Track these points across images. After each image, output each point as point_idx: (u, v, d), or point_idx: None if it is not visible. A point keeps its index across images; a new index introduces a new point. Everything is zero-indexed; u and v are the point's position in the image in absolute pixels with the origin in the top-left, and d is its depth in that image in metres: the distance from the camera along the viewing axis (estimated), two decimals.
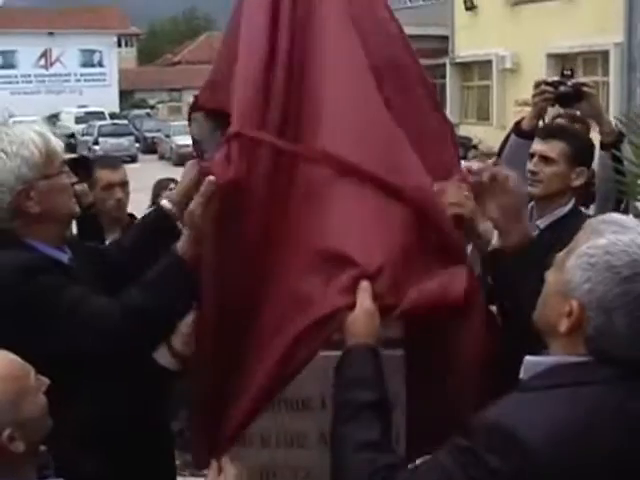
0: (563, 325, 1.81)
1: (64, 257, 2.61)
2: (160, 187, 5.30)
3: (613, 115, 16.79)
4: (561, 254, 1.90)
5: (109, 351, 2.41)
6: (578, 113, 4.58)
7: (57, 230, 2.61)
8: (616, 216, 1.92)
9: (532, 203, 3.66)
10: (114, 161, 4.69)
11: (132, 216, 4.56)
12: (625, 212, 3.76)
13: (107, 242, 4.02)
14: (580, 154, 3.60)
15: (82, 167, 3.64)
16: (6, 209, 2.48)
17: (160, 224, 2.86)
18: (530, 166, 3.60)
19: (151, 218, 2.98)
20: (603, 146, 4.09)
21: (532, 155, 3.63)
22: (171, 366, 2.56)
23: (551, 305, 1.88)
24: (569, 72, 4.06)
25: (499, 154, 4.42)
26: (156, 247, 2.81)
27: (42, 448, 2.17)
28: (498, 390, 1.94)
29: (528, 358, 1.92)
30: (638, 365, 1.78)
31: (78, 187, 3.24)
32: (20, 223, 2.51)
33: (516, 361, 1.96)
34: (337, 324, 2.30)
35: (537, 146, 3.63)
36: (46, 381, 2.13)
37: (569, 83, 3.99)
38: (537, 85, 4.14)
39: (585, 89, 4.01)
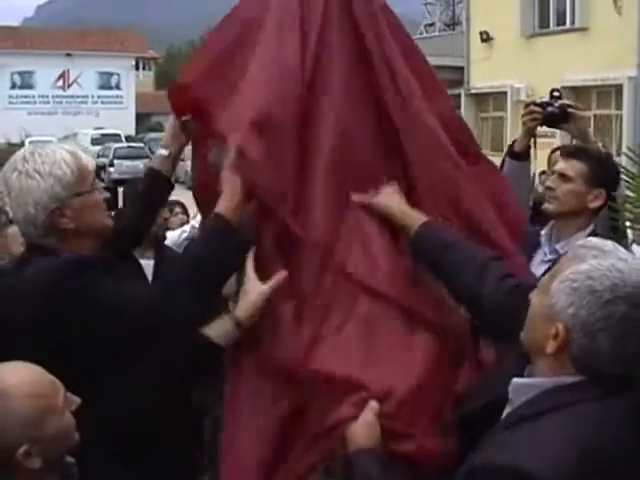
0: (550, 347, 1.88)
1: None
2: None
3: (625, 148, 16.83)
4: (546, 278, 1.99)
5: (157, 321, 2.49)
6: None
7: (92, 243, 2.65)
8: (595, 241, 1.98)
9: (551, 223, 3.73)
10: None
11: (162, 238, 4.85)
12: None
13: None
14: (599, 175, 3.62)
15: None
16: (41, 226, 2.54)
17: (156, 186, 3.11)
18: (548, 182, 3.71)
19: (146, 183, 3.13)
20: None
21: (553, 172, 3.72)
22: (224, 340, 2.54)
23: (537, 327, 1.95)
24: (557, 94, 4.11)
25: None
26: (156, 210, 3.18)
27: (68, 459, 2.19)
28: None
29: (516, 380, 1.99)
30: (622, 382, 1.87)
31: None
32: (56, 239, 2.57)
33: None
34: (339, 435, 2.31)
35: (558, 164, 3.73)
36: (76, 400, 2.15)
37: (556, 104, 4.02)
38: (526, 106, 4.23)
39: (571, 110, 4.05)
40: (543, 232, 3.72)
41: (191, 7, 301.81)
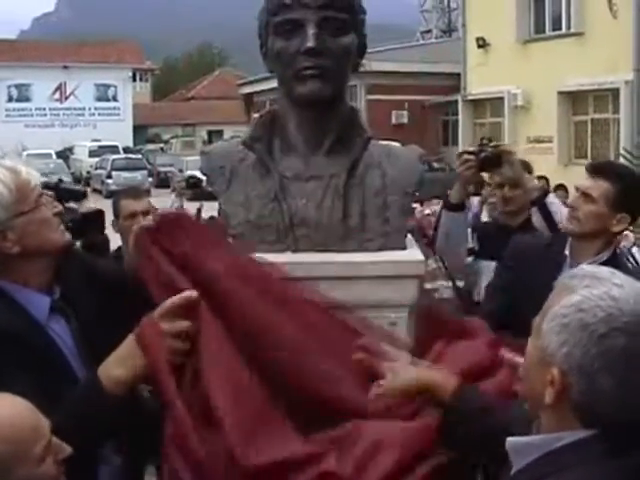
0: (548, 396, 1.65)
1: (43, 302, 2.46)
2: None
3: (621, 152, 16.83)
4: (537, 318, 1.74)
5: None
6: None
7: (44, 265, 2.47)
8: (588, 268, 1.75)
9: (569, 243, 3.51)
10: (137, 191, 4.81)
11: None
12: None
13: None
14: (625, 198, 3.34)
15: (95, 222, 3.64)
16: None
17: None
18: (570, 200, 3.51)
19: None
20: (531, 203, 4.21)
21: (577, 189, 3.46)
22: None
23: (533, 376, 1.72)
24: (487, 140, 4.08)
25: (435, 229, 4.34)
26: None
27: None
28: None
29: (512, 440, 1.78)
30: (631, 433, 1.64)
31: None
32: (13, 252, 2.39)
33: None
34: None
35: (583, 181, 3.43)
36: (66, 449, 1.94)
37: (489, 149, 3.95)
38: (459, 156, 4.00)
39: (505, 154, 4.00)
40: (566, 252, 3.47)
41: (188, 19, 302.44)
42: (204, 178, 3.01)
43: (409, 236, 2.89)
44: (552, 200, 4.96)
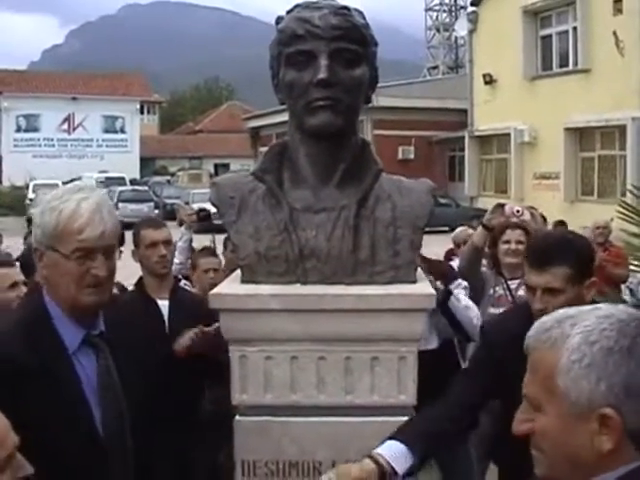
0: (604, 442, 1.52)
1: (77, 334, 2.42)
2: None
3: (629, 187, 16.85)
4: (528, 393, 1.63)
5: None
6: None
7: (65, 306, 2.43)
8: (552, 317, 1.64)
9: None
10: (157, 221, 4.93)
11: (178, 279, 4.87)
12: None
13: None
14: (585, 265, 3.04)
15: None
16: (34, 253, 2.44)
17: None
18: (537, 304, 2.97)
19: None
20: None
21: (531, 288, 3.04)
22: None
23: (568, 442, 1.57)
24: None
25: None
26: None
27: None
28: None
29: None
30: None
31: None
32: (41, 271, 2.45)
33: None
34: None
35: (536, 278, 3.00)
36: (27, 469, 1.81)
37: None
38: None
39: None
40: None
41: (194, 53, 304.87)
42: (213, 210, 3.01)
43: (419, 270, 2.87)
44: (456, 297, 4.70)
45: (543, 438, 1.60)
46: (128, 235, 4.55)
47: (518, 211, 5.31)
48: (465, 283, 4.90)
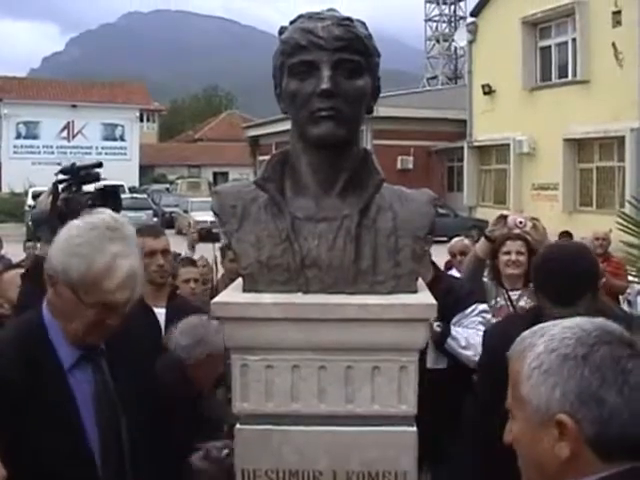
0: (562, 449, 1.54)
1: (72, 351, 2.42)
2: None
3: (628, 198, 16.87)
4: (507, 403, 1.67)
5: None
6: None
7: (66, 333, 2.41)
8: (534, 328, 1.69)
9: None
10: (156, 230, 4.86)
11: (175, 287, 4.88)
12: None
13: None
14: (598, 282, 3.34)
15: (111, 197, 3.59)
16: (45, 272, 2.40)
17: None
18: None
19: None
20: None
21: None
22: None
23: (534, 449, 1.60)
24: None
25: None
26: None
27: None
28: None
29: None
30: None
31: None
32: (50, 295, 2.42)
33: None
34: None
35: (561, 311, 2.98)
36: (2, 472, 1.88)
37: None
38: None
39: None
40: None
41: (195, 60, 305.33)
42: (214, 224, 3.02)
43: (420, 280, 2.88)
44: (454, 337, 4.53)
45: (517, 445, 1.64)
46: None
47: (521, 222, 5.31)
48: (483, 307, 4.73)
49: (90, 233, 2.35)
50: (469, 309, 4.61)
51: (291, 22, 2.79)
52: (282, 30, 2.79)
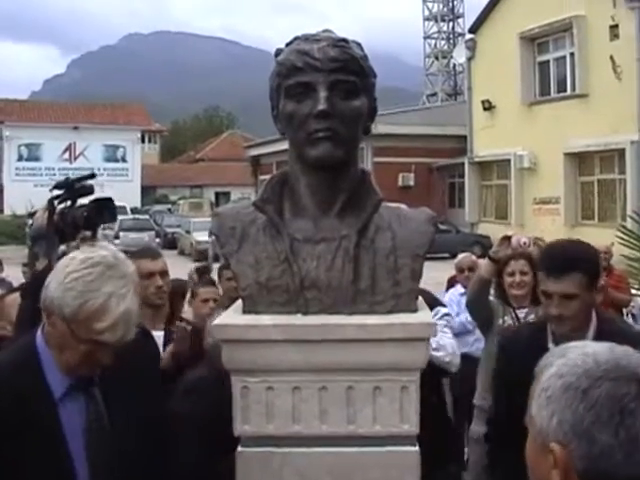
0: (554, 477, 1.50)
1: (63, 381, 2.40)
2: None
3: (629, 211, 16.84)
4: (526, 419, 1.64)
5: None
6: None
7: (58, 362, 2.40)
8: (562, 345, 1.67)
9: (550, 334, 3.45)
10: (154, 251, 4.82)
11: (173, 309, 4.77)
12: None
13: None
14: (595, 272, 3.39)
15: (106, 208, 3.60)
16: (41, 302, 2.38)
17: None
18: (553, 310, 3.32)
19: None
20: None
21: (547, 295, 3.36)
22: None
23: (536, 471, 1.59)
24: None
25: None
26: None
27: None
28: None
29: None
30: None
31: None
32: (45, 323, 2.41)
33: None
34: None
35: (552, 285, 3.32)
36: None
37: None
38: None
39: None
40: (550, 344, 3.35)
41: (196, 81, 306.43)
42: (211, 258, 3.04)
43: (420, 298, 2.87)
44: None
45: (527, 462, 1.64)
46: None
47: (525, 243, 5.32)
48: (445, 310, 4.83)
49: (88, 270, 2.34)
50: (432, 312, 4.67)
51: (287, 44, 2.80)
52: (278, 52, 2.81)
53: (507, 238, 5.31)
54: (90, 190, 3.57)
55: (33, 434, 2.29)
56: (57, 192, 3.48)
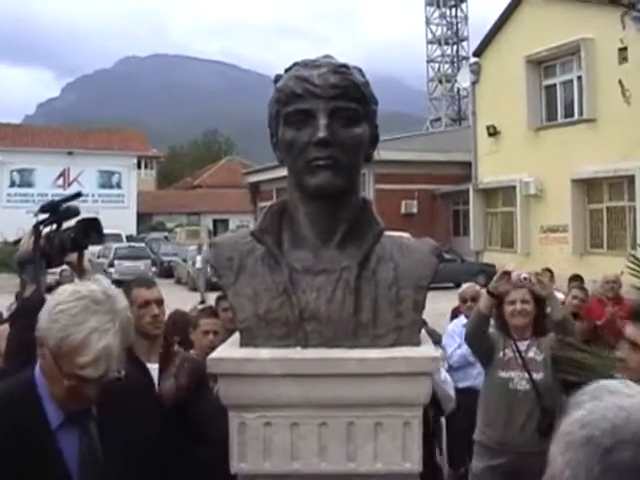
0: None
1: (58, 413, 2.42)
2: None
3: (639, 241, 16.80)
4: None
5: None
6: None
7: (58, 399, 2.41)
8: (603, 382, 1.55)
9: None
10: (149, 281, 4.83)
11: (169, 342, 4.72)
12: None
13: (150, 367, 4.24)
14: None
15: (93, 229, 3.60)
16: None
17: None
18: (619, 353, 3.46)
19: None
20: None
21: (623, 338, 3.46)
22: None
23: None
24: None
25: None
26: None
27: None
28: None
29: None
30: None
31: None
32: (39, 357, 2.41)
33: None
34: None
35: (627, 329, 3.46)
36: None
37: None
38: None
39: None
40: None
41: (194, 105, 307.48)
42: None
43: (423, 331, 2.87)
44: None
45: None
46: None
47: (525, 278, 5.31)
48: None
49: (73, 303, 2.35)
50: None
51: (286, 70, 2.81)
52: (277, 78, 2.81)
53: (507, 273, 5.30)
54: (76, 212, 3.57)
55: (28, 463, 2.29)
56: (43, 216, 3.49)
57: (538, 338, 5.38)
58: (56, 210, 3.51)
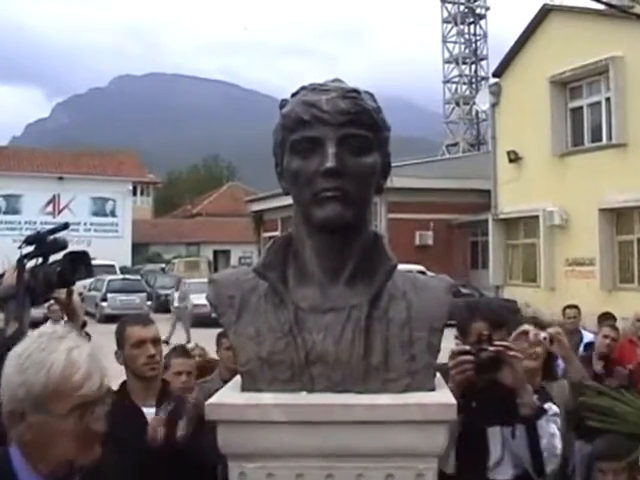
0: None
1: None
2: None
3: None
4: None
5: None
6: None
7: (48, 468, 2.36)
8: None
9: None
10: (145, 318, 4.82)
11: (166, 382, 4.68)
12: None
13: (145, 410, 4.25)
14: None
15: (81, 262, 3.60)
16: (6, 415, 2.32)
17: None
18: None
19: None
20: (522, 419, 4.02)
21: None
22: None
23: None
24: (486, 336, 3.94)
25: None
26: None
27: None
28: None
29: None
30: None
31: None
32: (14, 438, 2.35)
33: None
34: None
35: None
36: None
37: (491, 348, 3.86)
38: (453, 356, 3.88)
39: (510, 353, 3.88)
40: None
41: (193, 127, 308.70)
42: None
43: (438, 375, 2.86)
44: (548, 418, 4.33)
45: None
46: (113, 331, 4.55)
47: (545, 338, 5.27)
48: (556, 409, 4.49)
49: (35, 343, 2.33)
50: (546, 405, 4.42)
51: (293, 94, 2.82)
52: (283, 103, 2.82)
53: (524, 333, 5.24)
54: (64, 245, 3.58)
55: None
56: (28, 249, 3.50)
57: (549, 382, 5.33)
58: (42, 242, 3.52)
